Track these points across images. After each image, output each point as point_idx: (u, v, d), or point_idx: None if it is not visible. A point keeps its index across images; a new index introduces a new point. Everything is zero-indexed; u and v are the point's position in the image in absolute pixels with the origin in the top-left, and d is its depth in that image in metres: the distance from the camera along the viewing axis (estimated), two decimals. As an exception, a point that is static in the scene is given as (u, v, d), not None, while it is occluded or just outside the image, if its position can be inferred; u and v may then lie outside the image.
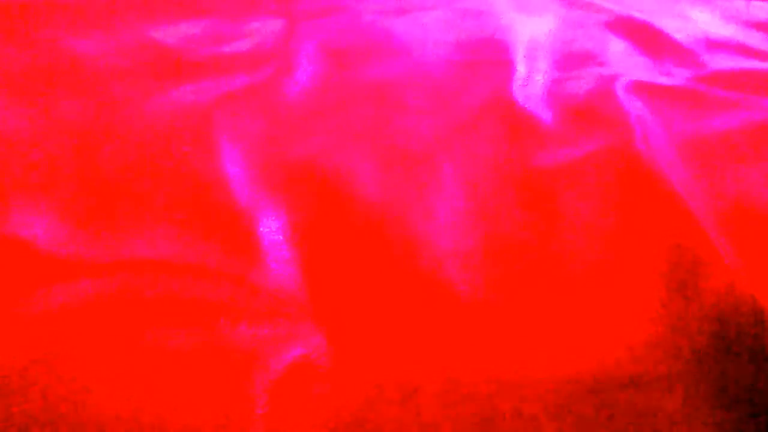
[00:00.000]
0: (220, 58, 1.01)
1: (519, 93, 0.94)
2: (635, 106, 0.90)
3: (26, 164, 0.75)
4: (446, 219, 0.71)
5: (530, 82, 0.99)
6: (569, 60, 1.06)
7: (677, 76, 1.01)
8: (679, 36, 1.14)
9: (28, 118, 0.83)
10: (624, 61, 1.06)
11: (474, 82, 0.98)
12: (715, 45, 1.12)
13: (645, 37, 1.13)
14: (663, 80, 0.99)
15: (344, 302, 0.63)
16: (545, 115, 0.89)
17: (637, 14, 1.21)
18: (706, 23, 1.22)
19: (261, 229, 0.69)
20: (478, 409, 0.55)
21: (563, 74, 1.02)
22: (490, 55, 1.06)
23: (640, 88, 0.94)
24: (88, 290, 0.60)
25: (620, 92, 0.92)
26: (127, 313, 0.59)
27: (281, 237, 0.69)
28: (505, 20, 1.17)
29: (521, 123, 0.87)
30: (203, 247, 0.66)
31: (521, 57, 1.05)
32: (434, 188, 0.75)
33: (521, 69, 1.01)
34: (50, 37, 1.02)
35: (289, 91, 0.92)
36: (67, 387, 0.53)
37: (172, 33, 1.07)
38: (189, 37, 1.06)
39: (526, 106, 0.91)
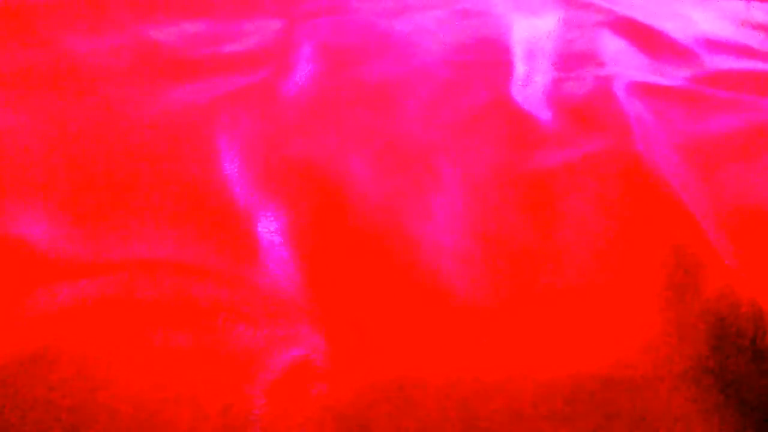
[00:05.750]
0: (218, 59, 1.01)
1: (518, 94, 0.94)
2: (635, 107, 0.89)
3: (25, 164, 0.75)
4: (445, 220, 0.71)
5: (529, 82, 0.99)
6: (569, 60, 1.06)
7: (677, 77, 1.01)
8: (678, 36, 1.14)
9: (27, 118, 0.83)
10: (623, 61, 1.06)
11: (473, 82, 0.97)
12: (715, 45, 1.12)
13: (644, 38, 1.13)
14: (662, 81, 0.99)
15: (343, 303, 0.62)
16: (544, 115, 0.89)
17: (636, 14, 1.21)
18: (706, 24, 1.22)
19: (259, 229, 0.69)
20: (478, 410, 0.55)
21: (563, 75, 1.02)
22: (490, 55, 1.06)
23: (639, 89, 0.94)
24: (86, 291, 0.60)
25: (620, 93, 0.92)
26: (125, 313, 0.58)
27: (280, 237, 0.69)
28: (504, 20, 1.17)
29: (520, 124, 0.87)
30: (202, 248, 0.66)
31: (520, 57, 1.05)
32: (433, 189, 0.75)
33: (520, 69, 1.01)
34: (49, 37, 1.02)
35: (287, 92, 0.92)
36: (65, 387, 0.53)
37: (171, 33, 1.07)
38: (188, 37, 1.06)
39: (525, 106, 0.91)
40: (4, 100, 0.87)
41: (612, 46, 1.11)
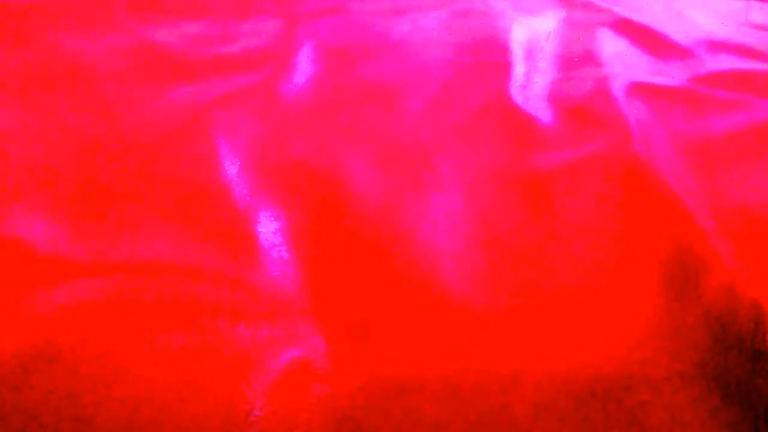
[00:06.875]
0: (218, 59, 1.01)
1: (518, 94, 0.94)
2: (635, 107, 0.89)
3: (24, 165, 0.75)
4: (445, 220, 0.71)
5: (529, 83, 0.98)
6: (569, 61, 1.06)
7: (677, 77, 1.01)
8: (678, 37, 1.14)
9: (26, 119, 0.83)
10: (623, 61, 1.06)
11: (473, 83, 0.97)
12: (715, 46, 1.12)
13: (644, 38, 1.13)
14: (663, 81, 0.99)
15: (343, 303, 0.62)
16: (544, 116, 0.89)
17: (636, 15, 1.21)
18: (706, 24, 1.22)
19: (259, 230, 0.69)
20: (477, 410, 0.55)
21: (562, 75, 1.01)
22: (489, 56, 1.06)
23: (639, 89, 0.94)
24: (86, 292, 0.60)
25: (619, 93, 0.92)
26: (125, 314, 0.58)
27: (280, 238, 0.69)
28: (504, 21, 1.17)
29: (520, 124, 0.87)
30: (201, 249, 0.66)
31: (520, 58, 1.05)
32: (433, 189, 0.75)
33: (520, 70, 1.01)
34: (48, 37, 1.02)
35: (287, 92, 0.92)
36: (65, 387, 0.53)
37: (171, 33, 1.07)
38: (187, 37, 1.06)
39: (525, 107, 0.91)
40: (4, 100, 0.87)
41: (612, 46, 1.10)
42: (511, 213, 0.72)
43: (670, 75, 1.02)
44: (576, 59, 1.06)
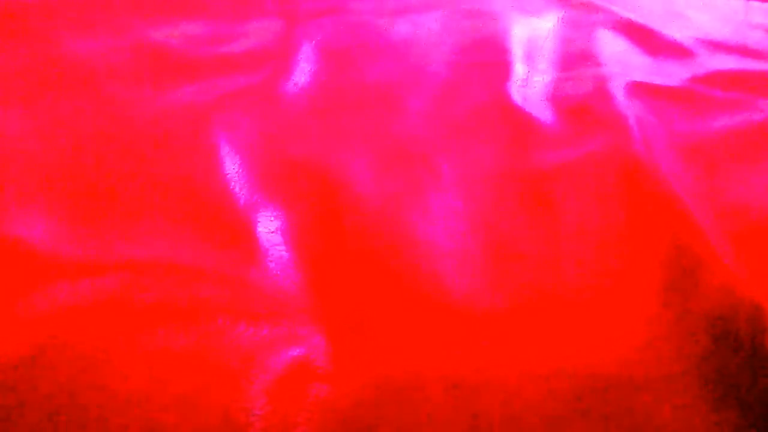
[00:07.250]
0: (218, 59, 1.01)
1: (518, 94, 0.94)
2: (634, 107, 0.89)
3: (24, 165, 0.75)
4: (445, 220, 0.71)
5: (529, 82, 0.99)
6: (568, 60, 1.06)
7: (676, 77, 1.01)
8: (678, 36, 1.14)
9: (26, 119, 0.83)
10: (623, 61, 1.06)
11: (473, 82, 0.97)
12: (715, 45, 1.12)
13: (644, 38, 1.13)
14: (662, 81, 0.99)
15: (344, 303, 0.62)
16: (544, 115, 0.89)
17: (636, 14, 1.21)
18: (706, 24, 1.22)
19: (260, 229, 0.69)
20: (478, 411, 0.55)
21: (562, 75, 1.02)
22: (489, 55, 1.06)
23: (639, 89, 0.94)
24: (86, 291, 0.60)
25: (619, 93, 0.92)
26: (125, 313, 0.58)
27: (280, 237, 0.69)
28: (504, 21, 1.17)
29: (520, 124, 0.87)
30: (202, 248, 0.66)
31: (520, 58, 1.05)
32: (433, 189, 0.75)
33: (520, 70, 1.01)
34: (48, 37, 1.02)
35: (287, 92, 0.92)
36: (65, 387, 0.53)
37: (171, 33, 1.07)
38: (188, 37, 1.06)
39: (524, 106, 0.91)
40: (4, 100, 0.87)
41: (611, 46, 1.11)
42: (511, 212, 0.72)
43: (670, 75, 1.02)
44: (575, 59, 1.06)
